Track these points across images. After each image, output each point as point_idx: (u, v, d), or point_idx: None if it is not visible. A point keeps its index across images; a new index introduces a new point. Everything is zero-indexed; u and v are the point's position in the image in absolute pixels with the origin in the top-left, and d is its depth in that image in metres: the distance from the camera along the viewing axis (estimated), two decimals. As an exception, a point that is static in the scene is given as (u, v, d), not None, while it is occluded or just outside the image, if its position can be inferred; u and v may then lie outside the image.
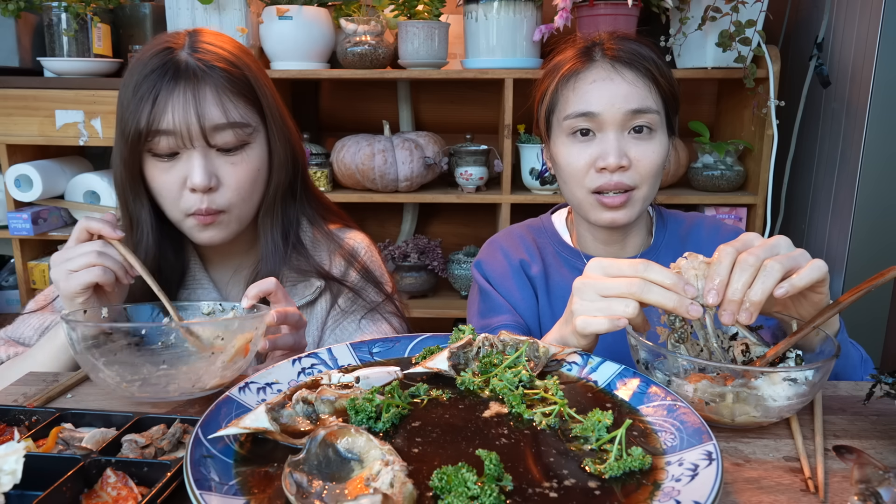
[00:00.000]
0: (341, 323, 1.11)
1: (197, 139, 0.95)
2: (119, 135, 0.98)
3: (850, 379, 0.93)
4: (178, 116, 0.94)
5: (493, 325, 1.13)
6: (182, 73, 0.95)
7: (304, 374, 0.77)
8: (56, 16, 2.11)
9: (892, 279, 0.76)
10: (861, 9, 1.92)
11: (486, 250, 1.24)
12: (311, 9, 2.08)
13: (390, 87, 2.46)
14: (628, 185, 1.05)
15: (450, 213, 2.61)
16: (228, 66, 0.98)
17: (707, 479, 0.55)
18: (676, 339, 0.83)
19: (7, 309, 2.46)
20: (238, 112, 0.98)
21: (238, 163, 0.99)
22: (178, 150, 0.97)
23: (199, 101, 0.94)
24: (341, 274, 1.13)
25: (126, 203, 1.02)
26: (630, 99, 1.04)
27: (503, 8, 2.05)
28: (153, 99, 0.94)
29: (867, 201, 1.93)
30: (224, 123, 0.96)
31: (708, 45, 2.00)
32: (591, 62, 1.07)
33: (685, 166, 2.22)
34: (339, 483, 0.56)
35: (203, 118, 0.94)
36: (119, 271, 0.92)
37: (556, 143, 1.11)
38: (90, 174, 2.27)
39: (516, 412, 0.69)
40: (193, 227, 1.01)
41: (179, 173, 0.97)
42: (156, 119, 0.94)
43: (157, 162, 0.98)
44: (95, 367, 0.76)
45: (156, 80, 0.94)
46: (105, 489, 0.59)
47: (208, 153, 0.97)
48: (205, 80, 0.95)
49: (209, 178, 0.96)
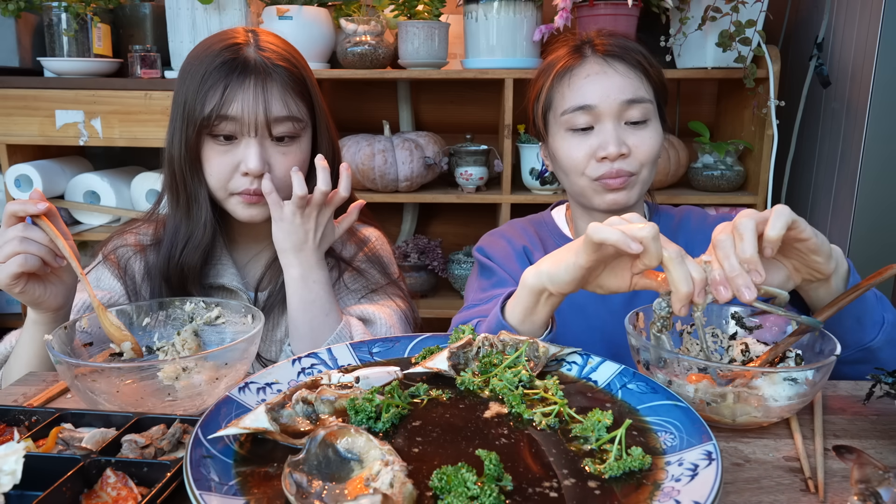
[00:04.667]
0: (342, 298, 1.18)
1: (260, 128, 1.04)
2: (180, 118, 1.05)
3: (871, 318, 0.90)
4: (247, 106, 1.02)
5: (496, 295, 1.11)
6: (251, 68, 1.03)
7: (303, 374, 0.77)
8: (56, 16, 2.11)
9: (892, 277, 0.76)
10: (861, 9, 1.92)
11: (488, 238, 1.26)
12: (311, 9, 2.08)
13: (390, 87, 2.46)
14: (629, 171, 1.08)
15: (450, 213, 2.61)
16: (289, 65, 1.07)
17: (707, 479, 0.55)
18: (658, 328, 0.80)
19: (7, 309, 2.46)
20: (296, 107, 1.06)
21: (288, 153, 1.07)
22: (237, 136, 1.04)
23: (267, 94, 1.03)
24: (350, 256, 1.20)
25: (185, 182, 1.08)
26: (624, 89, 1.07)
27: (503, 8, 2.05)
28: (223, 88, 1.01)
29: (867, 201, 1.93)
30: (284, 116, 1.05)
31: (708, 45, 2.00)
32: (583, 58, 1.10)
33: (685, 166, 2.22)
34: (338, 483, 0.56)
35: (269, 111, 1.03)
36: (46, 255, 0.88)
37: (554, 139, 1.13)
38: (90, 174, 2.27)
39: (516, 412, 0.69)
40: (238, 205, 1.08)
41: (235, 157, 1.04)
42: (224, 106, 1.01)
43: (216, 144, 1.05)
44: (95, 402, 0.74)
45: (227, 71, 1.02)
46: (105, 489, 0.59)
47: (264, 142, 1.05)
48: (272, 76, 1.04)
49: (263, 165, 1.04)
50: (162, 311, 0.93)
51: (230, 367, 0.77)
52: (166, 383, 0.74)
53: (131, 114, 2.11)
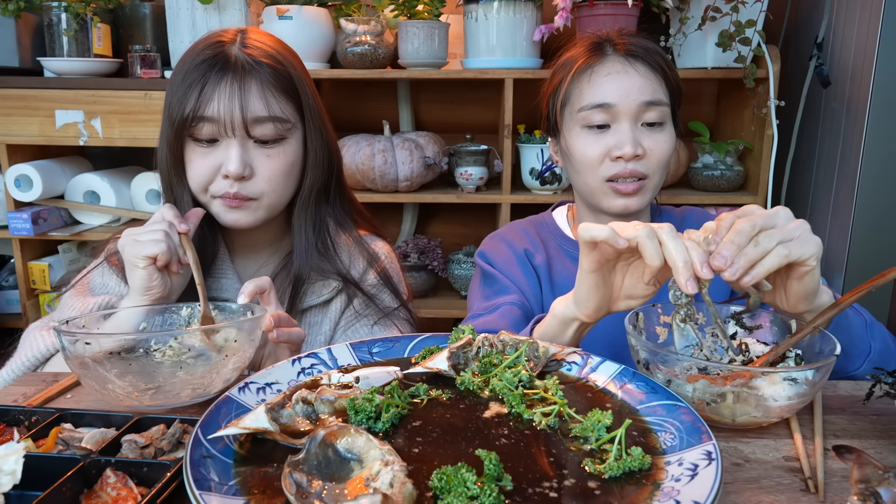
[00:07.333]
0: (354, 325, 1.13)
1: (238, 129, 1.00)
2: (166, 119, 1.03)
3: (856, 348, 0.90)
4: (223, 106, 0.98)
5: (499, 304, 1.12)
6: (230, 65, 0.99)
7: (303, 374, 0.77)
8: (56, 16, 2.11)
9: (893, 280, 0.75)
10: (861, 9, 1.92)
11: (489, 242, 1.25)
12: (311, 9, 2.08)
13: (390, 87, 2.46)
14: (642, 172, 1.08)
15: (450, 213, 2.61)
16: (274, 63, 1.02)
17: (707, 479, 0.55)
18: (682, 318, 0.78)
19: (7, 309, 2.46)
20: (279, 107, 1.02)
21: (273, 155, 1.03)
22: (218, 138, 1.01)
23: (244, 93, 0.99)
24: (360, 276, 1.16)
25: (171, 186, 1.06)
26: (644, 91, 1.08)
27: (503, 8, 2.05)
28: (201, 87, 0.98)
29: (867, 201, 1.93)
30: (265, 116, 1.00)
31: (708, 45, 2.00)
32: (605, 56, 1.10)
33: (685, 166, 2.22)
34: (338, 483, 0.56)
35: (246, 110, 0.99)
36: (175, 256, 0.96)
37: (569, 135, 1.13)
38: (90, 174, 2.27)
39: (516, 412, 0.69)
40: (221, 208, 1.05)
41: (216, 159, 1.01)
42: (201, 106, 0.99)
43: (197, 147, 1.02)
44: (105, 379, 0.73)
45: (205, 69, 0.99)
46: (105, 489, 0.59)
47: (246, 143, 1.01)
48: (251, 73, 1.00)
49: (243, 168, 1.00)
50: (158, 316, 0.91)
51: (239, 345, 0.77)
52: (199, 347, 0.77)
53: (131, 114, 2.12)
